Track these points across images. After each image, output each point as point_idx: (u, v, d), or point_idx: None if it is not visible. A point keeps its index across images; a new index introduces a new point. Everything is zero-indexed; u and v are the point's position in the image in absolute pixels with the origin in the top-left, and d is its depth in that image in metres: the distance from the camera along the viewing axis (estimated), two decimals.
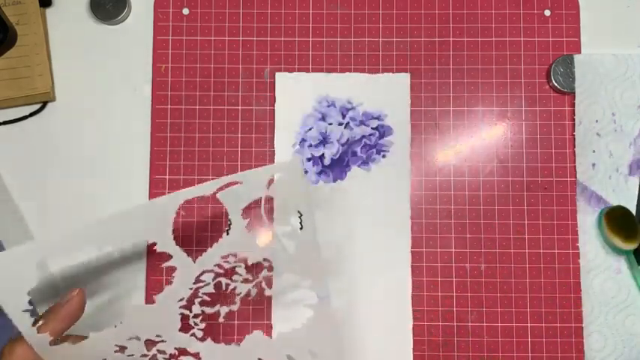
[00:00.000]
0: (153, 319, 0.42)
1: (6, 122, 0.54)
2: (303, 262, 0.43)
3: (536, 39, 0.54)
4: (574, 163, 0.53)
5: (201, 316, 0.44)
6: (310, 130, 0.52)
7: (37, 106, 0.54)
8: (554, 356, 0.51)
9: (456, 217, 0.52)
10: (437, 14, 0.54)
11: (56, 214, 0.53)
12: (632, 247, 0.51)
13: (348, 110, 0.53)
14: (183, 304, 0.43)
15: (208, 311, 0.44)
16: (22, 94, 0.53)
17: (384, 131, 0.53)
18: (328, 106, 0.53)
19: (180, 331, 0.43)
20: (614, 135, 0.53)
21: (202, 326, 0.44)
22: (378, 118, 0.53)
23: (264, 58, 0.54)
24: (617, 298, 0.51)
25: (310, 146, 0.52)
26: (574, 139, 0.53)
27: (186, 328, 0.43)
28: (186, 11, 0.54)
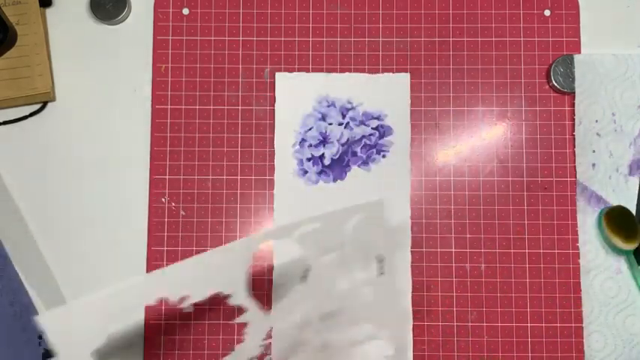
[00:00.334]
0: None
1: (6, 122, 0.54)
2: (381, 310, 0.39)
3: (536, 39, 0.54)
4: (574, 163, 0.53)
5: None
6: (310, 130, 0.53)
7: (37, 106, 0.54)
8: (554, 356, 0.51)
9: (456, 217, 0.52)
10: (437, 14, 0.54)
11: (56, 214, 0.53)
12: (632, 247, 0.51)
13: (348, 110, 0.53)
14: None
15: None
16: (22, 94, 0.53)
17: (384, 131, 0.53)
18: (328, 106, 0.53)
19: None
20: (614, 135, 0.53)
21: None
22: (378, 118, 0.53)
23: (264, 58, 0.54)
24: (617, 298, 0.51)
25: (310, 146, 0.52)
26: (574, 139, 0.53)
27: None
28: (186, 11, 0.54)
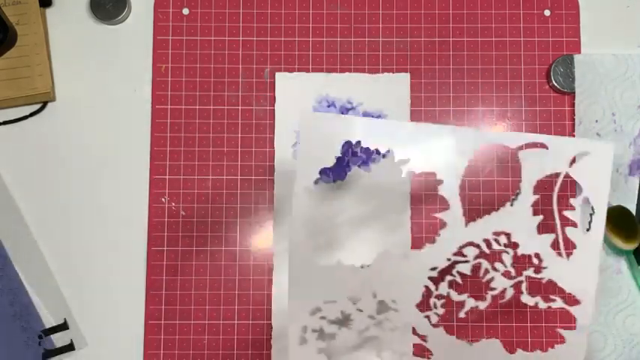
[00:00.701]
0: (399, 275, 0.38)
1: (6, 122, 0.54)
2: (576, 274, 0.37)
3: (536, 39, 0.54)
4: None
5: (444, 299, 0.39)
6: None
7: (37, 106, 0.54)
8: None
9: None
10: (437, 14, 0.54)
11: (56, 214, 0.53)
12: (632, 247, 0.51)
13: (348, 110, 0.53)
14: (434, 275, 0.38)
15: (454, 298, 0.39)
16: (22, 94, 0.53)
17: None
18: (328, 106, 0.52)
19: (417, 307, 0.38)
20: (614, 135, 0.53)
21: (441, 312, 0.39)
22: (378, 118, 0.53)
23: (264, 58, 0.54)
24: (617, 298, 0.51)
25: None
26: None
27: (423, 306, 0.39)
28: (186, 11, 0.54)
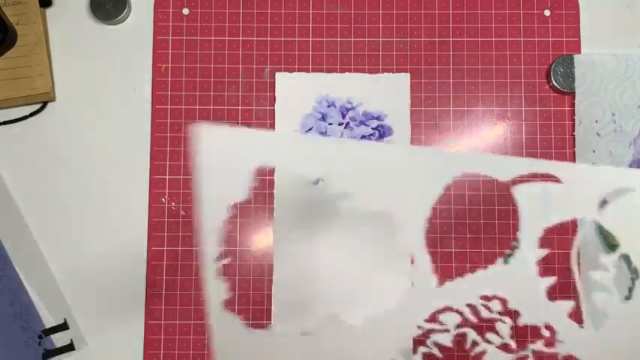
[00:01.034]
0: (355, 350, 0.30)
1: (6, 122, 0.54)
2: (607, 349, 0.27)
3: (536, 39, 0.54)
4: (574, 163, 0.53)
5: None
6: (310, 130, 0.52)
7: (37, 106, 0.54)
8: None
9: (456, 217, 0.52)
10: (437, 14, 0.54)
11: (56, 214, 0.53)
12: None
13: (348, 110, 0.53)
14: (406, 347, 0.30)
15: None
16: (22, 94, 0.53)
17: (384, 131, 0.53)
18: (328, 106, 0.53)
19: None
20: (614, 135, 0.53)
21: None
22: (378, 118, 0.53)
23: (264, 58, 0.54)
24: None
25: None
26: (574, 139, 0.53)
27: None
28: (186, 11, 0.54)
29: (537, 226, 0.28)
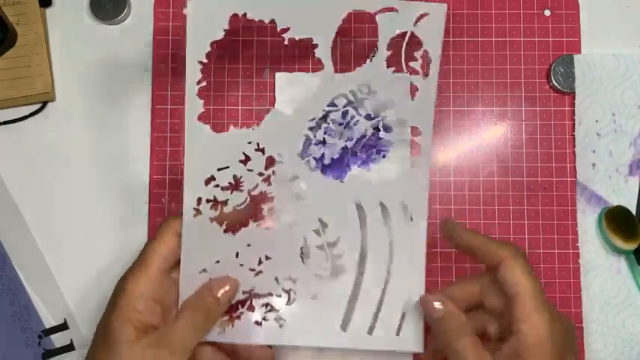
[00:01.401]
0: (283, 129, 0.44)
1: (6, 122, 0.54)
2: (419, 110, 0.44)
3: (536, 39, 0.54)
4: (574, 163, 0.53)
5: (320, 145, 0.45)
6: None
7: (37, 106, 0.54)
8: None
9: (456, 217, 0.52)
10: None
11: (56, 214, 0.53)
12: (632, 247, 0.51)
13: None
14: (312, 125, 0.44)
15: (329, 141, 0.45)
16: (22, 94, 0.53)
17: None
18: (328, 105, 0.52)
19: (299, 155, 0.45)
20: (614, 135, 0.53)
21: (318, 155, 0.45)
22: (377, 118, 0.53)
23: (265, 58, 0.54)
24: (617, 298, 0.51)
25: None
26: (574, 139, 0.53)
27: (303, 155, 0.45)
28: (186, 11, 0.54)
29: (387, 36, 0.43)
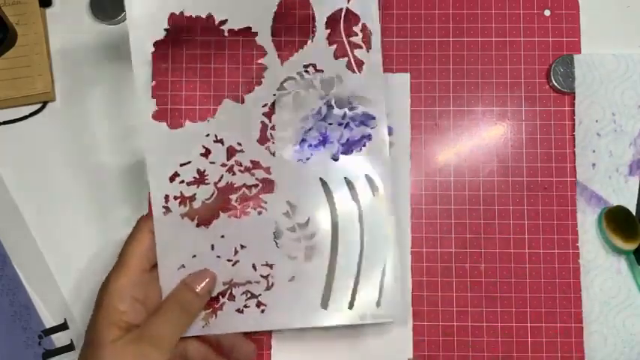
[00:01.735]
0: (239, 119, 0.46)
1: (6, 122, 0.54)
2: (368, 83, 0.47)
3: (536, 39, 0.54)
4: (574, 163, 0.53)
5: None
6: (310, 129, 0.52)
7: (37, 106, 0.54)
8: (554, 356, 0.51)
9: (456, 217, 0.52)
10: (437, 14, 0.54)
11: (56, 214, 0.53)
12: (632, 247, 0.51)
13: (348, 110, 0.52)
14: (266, 110, 0.47)
15: (286, 124, 0.48)
16: (22, 94, 0.53)
17: None
18: (328, 106, 0.52)
19: (258, 142, 0.47)
20: (614, 135, 0.53)
21: (277, 140, 0.47)
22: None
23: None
24: (617, 298, 0.51)
25: (310, 146, 0.52)
26: (574, 139, 0.53)
27: (262, 140, 0.47)
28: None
29: (323, 15, 0.46)
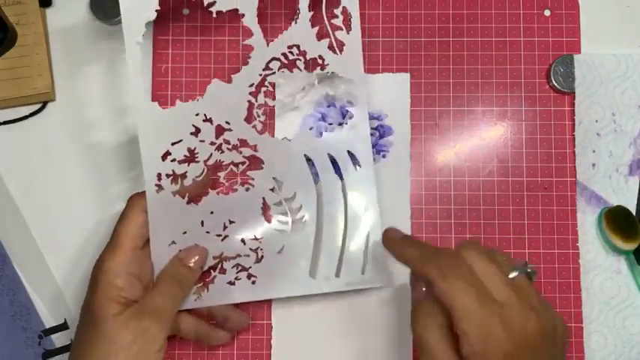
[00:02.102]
0: (227, 98, 0.48)
1: (6, 122, 0.54)
2: (348, 62, 0.49)
3: (536, 39, 0.54)
4: (574, 163, 0.53)
5: (263, 108, 0.49)
6: (310, 130, 0.52)
7: (37, 106, 0.54)
8: None
9: (456, 217, 0.52)
10: (437, 14, 0.54)
11: (56, 213, 0.53)
12: (632, 247, 0.51)
13: (348, 110, 0.52)
14: (252, 90, 0.48)
15: (270, 103, 0.50)
16: (22, 94, 0.53)
17: (384, 131, 0.53)
18: (328, 106, 0.52)
19: (245, 120, 0.48)
20: (614, 135, 0.53)
21: (263, 119, 0.49)
22: (378, 118, 0.53)
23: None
24: (617, 298, 0.51)
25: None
26: (574, 139, 0.53)
27: (249, 119, 0.48)
28: (186, 11, 0.54)
29: None
